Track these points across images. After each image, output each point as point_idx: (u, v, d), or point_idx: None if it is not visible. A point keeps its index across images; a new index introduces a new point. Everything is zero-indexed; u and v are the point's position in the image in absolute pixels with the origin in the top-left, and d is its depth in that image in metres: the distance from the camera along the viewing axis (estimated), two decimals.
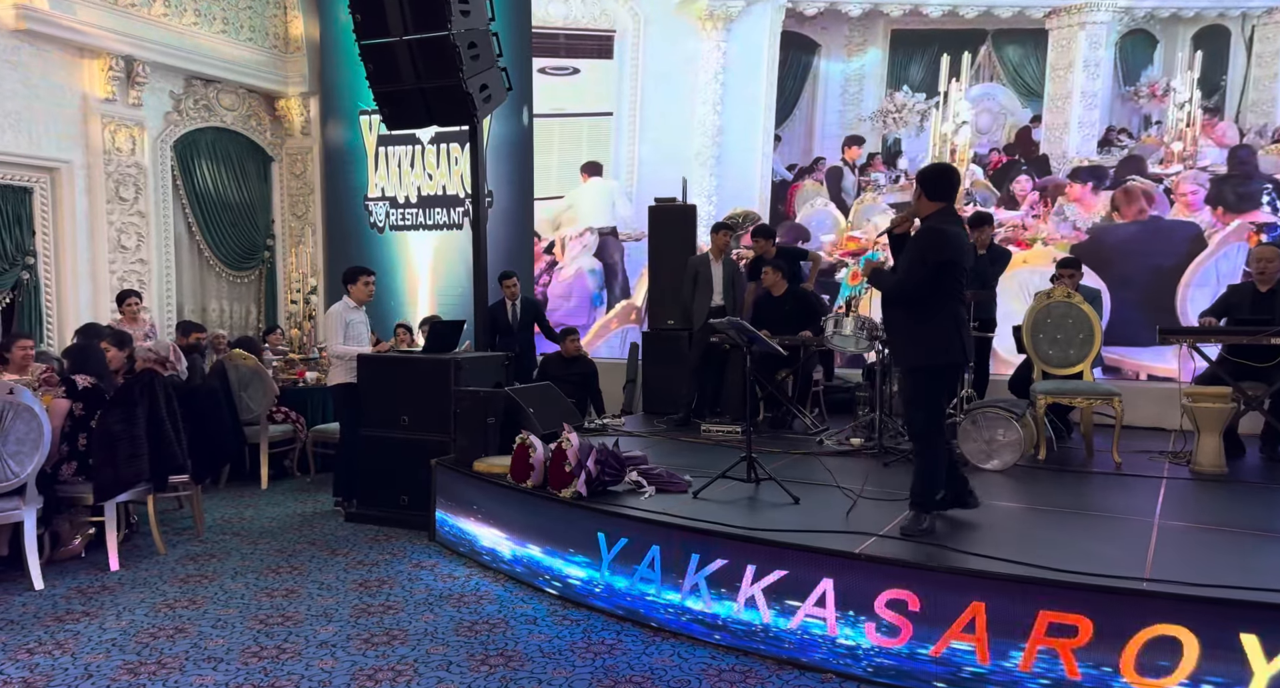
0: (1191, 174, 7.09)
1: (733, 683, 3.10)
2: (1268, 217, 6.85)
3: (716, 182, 8.56)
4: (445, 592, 4.10)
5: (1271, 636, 2.62)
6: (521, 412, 4.96)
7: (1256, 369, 4.74)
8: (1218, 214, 7.00)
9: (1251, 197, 6.92)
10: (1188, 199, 7.11)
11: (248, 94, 9.13)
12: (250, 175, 9.20)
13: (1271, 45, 6.80)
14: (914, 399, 3.56)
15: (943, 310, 3.43)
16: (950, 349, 3.45)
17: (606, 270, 9.04)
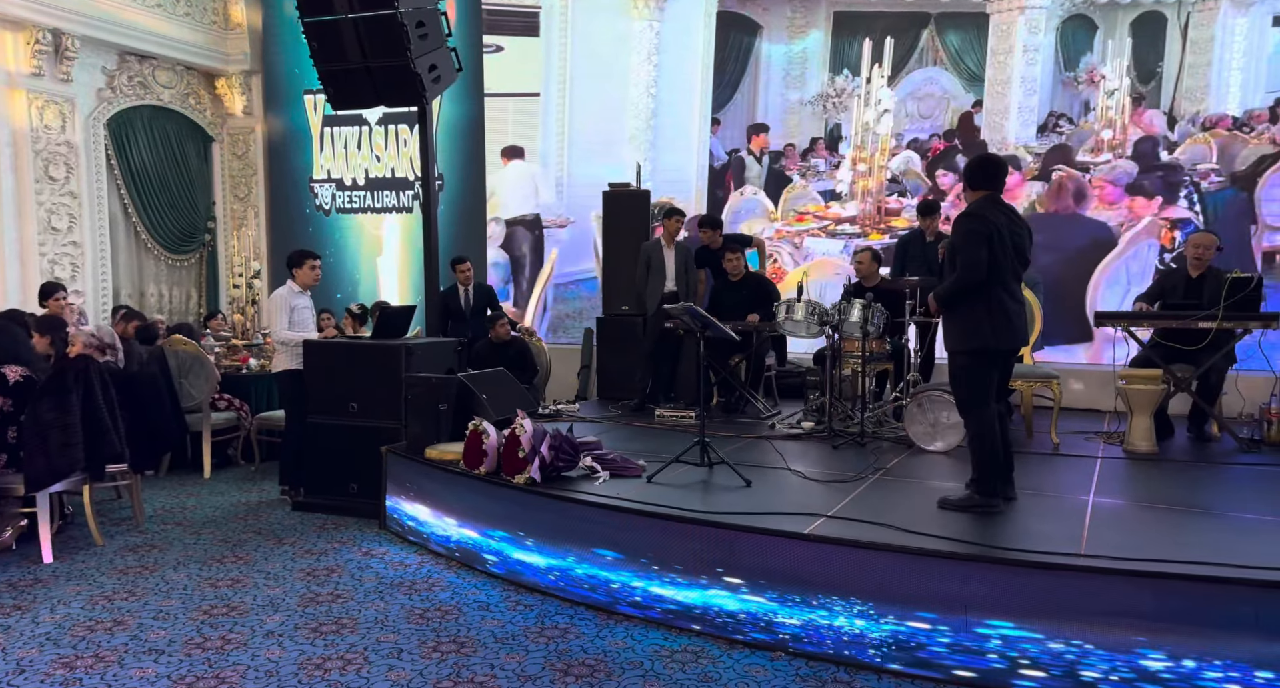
0: (1109, 166, 7.16)
1: (685, 664, 3.13)
2: (1183, 212, 6.95)
3: (651, 166, 8.38)
4: (396, 579, 4.05)
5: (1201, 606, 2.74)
6: (474, 398, 4.91)
7: (1186, 352, 4.92)
8: (1133, 206, 7.07)
9: (1168, 190, 7.01)
10: (1104, 191, 7.18)
11: (186, 72, 8.82)
12: (189, 155, 8.90)
13: (1205, 32, 6.87)
14: (954, 382, 3.65)
15: (978, 296, 3.48)
16: (980, 333, 3.49)
17: (513, 263, 8.81)
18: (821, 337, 5.48)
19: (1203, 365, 4.91)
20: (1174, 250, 6.97)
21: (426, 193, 5.96)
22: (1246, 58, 6.77)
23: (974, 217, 3.53)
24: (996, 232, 3.47)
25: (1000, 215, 3.54)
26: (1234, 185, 6.78)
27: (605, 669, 3.08)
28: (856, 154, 7.89)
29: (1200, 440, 5.15)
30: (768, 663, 3.14)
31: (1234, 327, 4.79)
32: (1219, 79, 6.83)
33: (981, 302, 3.49)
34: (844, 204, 7.96)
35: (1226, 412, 5.39)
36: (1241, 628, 2.68)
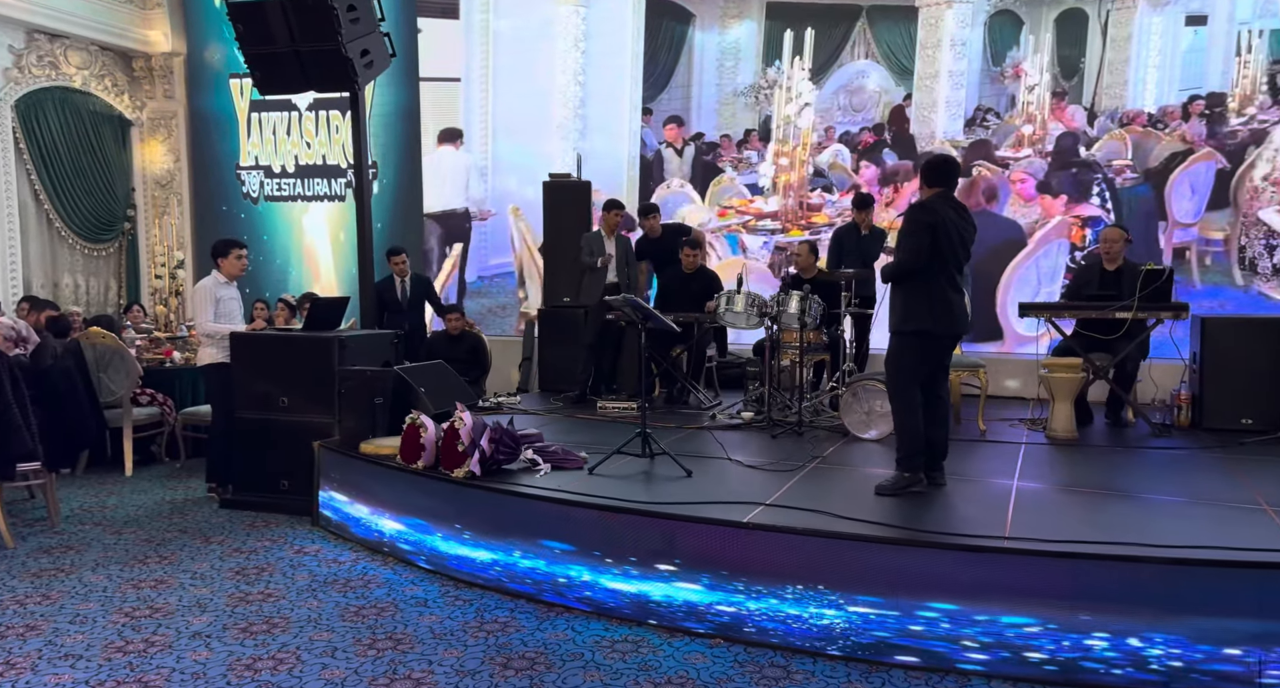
0: (1025, 163, 7.30)
1: (625, 654, 3.14)
2: (1094, 210, 7.15)
3: (580, 156, 8.24)
4: (330, 577, 3.96)
5: (1118, 584, 2.87)
6: (412, 391, 4.83)
7: (1104, 342, 5.14)
8: (1046, 204, 7.23)
9: (1080, 188, 7.18)
10: (1019, 187, 7.31)
11: (101, 52, 8.41)
12: (106, 140, 8.50)
13: (1124, 30, 7.07)
14: (888, 360, 3.80)
15: (919, 283, 3.64)
16: (920, 317, 3.65)
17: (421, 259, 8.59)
18: (761, 328, 5.55)
19: (1119, 354, 5.14)
20: (1085, 248, 7.17)
21: (360, 181, 5.82)
22: (1162, 56, 7.00)
23: (924, 208, 3.70)
24: (943, 223, 3.63)
25: (950, 210, 3.70)
26: (1147, 181, 7.04)
27: (545, 662, 3.07)
28: (778, 148, 7.87)
29: (1117, 426, 5.39)
30: (706, 650, 3.17)
31: (1147, 317, 5.02)
32: (1137, 76, 7.06)
33: (924, 288, 3.66)
34: (766, 199, 7.94)
35: (1140, 398, 5.64)
36: (1151, 604, 2.81)
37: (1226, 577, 2.81)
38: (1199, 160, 6.88)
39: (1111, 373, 5.19)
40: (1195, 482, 4.02)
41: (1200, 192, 6.91)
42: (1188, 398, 5.33)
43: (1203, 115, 6.87)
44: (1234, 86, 6.81)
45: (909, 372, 3.75)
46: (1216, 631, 2.77)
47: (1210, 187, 6.88)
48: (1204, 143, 6.87)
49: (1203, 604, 2.79)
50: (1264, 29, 6.71)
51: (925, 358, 3.74)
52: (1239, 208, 6.80)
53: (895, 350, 3.78)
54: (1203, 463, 4.40)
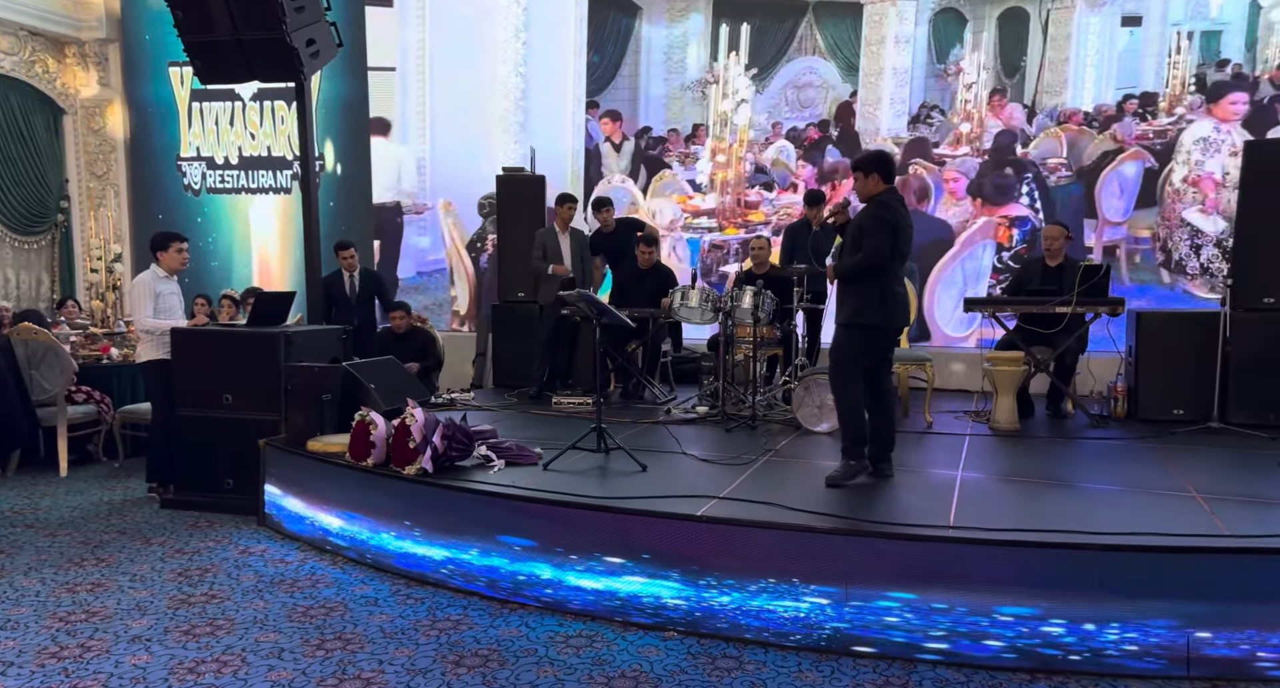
0: (958, 162, 7.41)
1: (579, 649, 3.14)
2: (1022, 210, 7.27)
3: (522, 149, 8.12)
4: (276, 577, 3.87)
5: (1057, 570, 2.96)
6: (361, 388, 4.75)
7: (1044, 335, 5.30)
8: (976, 205, 7.35)
9: (1008, 189, 7.31)
10: (951, 186, 7.40)
11: (30, 37, 8.07)
12: (36, 128, 8.16)
13: (1064, 29, 7.22)
14: (834, 352, 3.87)
15: (872, 279, 3.73)
16: (872, 312, 3.74)
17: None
18: (715, 323, 5.58)
19: (1059, 348, 5.29)
20: (1012, 249, 7.29)
21: (306, 173, 5.70)
22: (1100, 55, 7.18)
23: (885, 206, 3.77)
24: (902, 222, 3.75)
25: (902, 208, 3.82)
26: (1080, 180, 7.21)
27: (499, 659, 3.05)
28: (715, 145, 7.83)
29: (1057, 417, 5.55)
30: (660, 643, 3.18)
31: (1085, 311, 5.18)
32: (1076, 75, 7.23)
33: (876, 284, 3.75)
34: (704, 196, 7.89)
35: (1079, 390, 5.83)
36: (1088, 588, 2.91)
37: (1158, 561, 2.92)
38: (1127, 159, 7.08)
39: (1052, 366, 5.35)
40: (1130, 471, 4.17)
41: (1129, 191, 7.10)
42: (1123, 390, 5.52)
43: (1136, 114, 7.07)
44: (1165, 87, 7.04)
45: (853, 364, 3.83)
46: (1148, 612, 2.88)
47: (1138, 186, 7.08)
48: (1134, 142, 7.06)
49: (1135, 588, 2.90)
50: (1194, 31, 6.95)
51: (870, 351, 3.84)
52: (1164, 207, 7.03)
53: (842, 343, 3.84)
54: (1137, 453, 4.57)
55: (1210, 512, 3.37)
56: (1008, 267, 7.28)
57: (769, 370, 6.07)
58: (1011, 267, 7.25)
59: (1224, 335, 5.13)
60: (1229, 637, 2.85)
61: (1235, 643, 2.85)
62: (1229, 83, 6.89)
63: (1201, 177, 6.90)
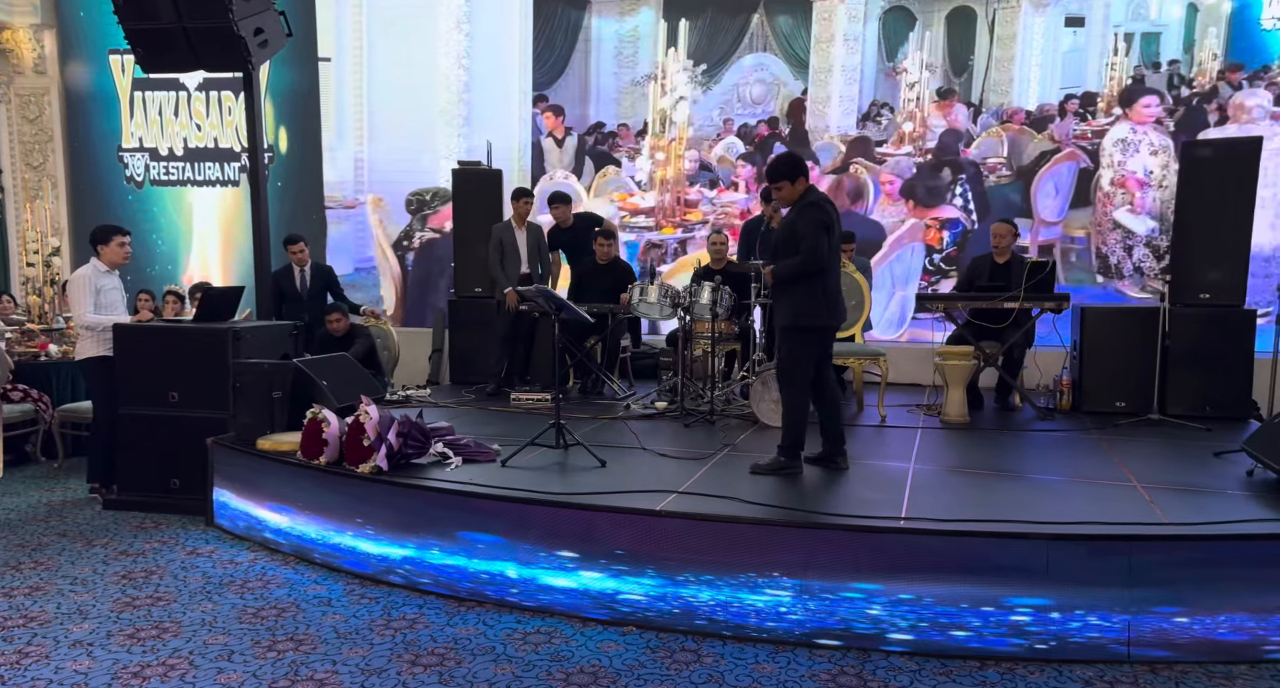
0: (893, 163, 7.42)
1: (537, 645, 3.12)
2: (954, 212, 7.32)
3: (466, 143, 7.98)
4: (226, 578, 3.79)
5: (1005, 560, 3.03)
6: (313, 385, 4.66)
7: (993, 330, 5.42)
8: (909, 206, 7.39)
9: (940, 191, 7.35)
10: (888, 188, 7.42)
11: None
12: None
13: (1010, 28, 7.31)
14: (784, 356, 3.89)
15: (814, 279, 3.77)
16: (817, 313, 3.79)
17: None
18: (674, 319, 5.60)
19: (1007, 342, 5.42)
20: (943, 251, 7.36)
21: (254, 166, 5.57)
22: (1044, 55, 7.30)
23: (818, 207, 3.81)
24: (833, 221, 3.80)
25: (829, 205, 3.86)
26: (1018, 179, 7.32)
27: (455, 657, 3.02)
28: (655, 142, 7.77)
29: (1005, 410, 5.69)
30: (619, 638, 3.19)
31: (1032, 307, 5.32)
32: (1022, 74, 7.33)
33: (818, 284, 3.80)
34: (644, 194, 7.82)
35: (1027, 384, 5.98)
36: (1035, 577, 2.99)
37: (1101, 550, 3.01)
38: (1063, 160, 7.21)
39: (1000, 360, 5.48)
40: (1075, 461, 4.29)
41: (1064, 191, 7.22)
42: (1068, 383, 5.67)
43: (1077, 114, 7.22)
44: (1104, 88, 7.20)
45: (805, 366, 3.88)
46: (1092, 599, 2.97)
47: (1073, 186, 7.21)
48: (1071, 142, 7.20)
49: (1080, 576, 2.99)
50: (1134, 32, 7.12)
51: (816, 350, 3.90)
52: (1095, 209, 7.19)
53: (794, 346, 3.86)
54: (1081, 444, 4.70)
55: (1150, 501, 3.48)
56: (939, 268, 7.36)
57: (727, 366, 6.11)
58: (944, 268, 7.35)
59: (1163, 330, 5.30)
60: (1167, 622, 2.96)
61: (1173, 627, 2.96)
62: (1142, 86, 7.08)
63: (1126, 177, 7.09)
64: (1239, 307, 5.34)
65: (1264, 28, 6.84)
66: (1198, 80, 7.00)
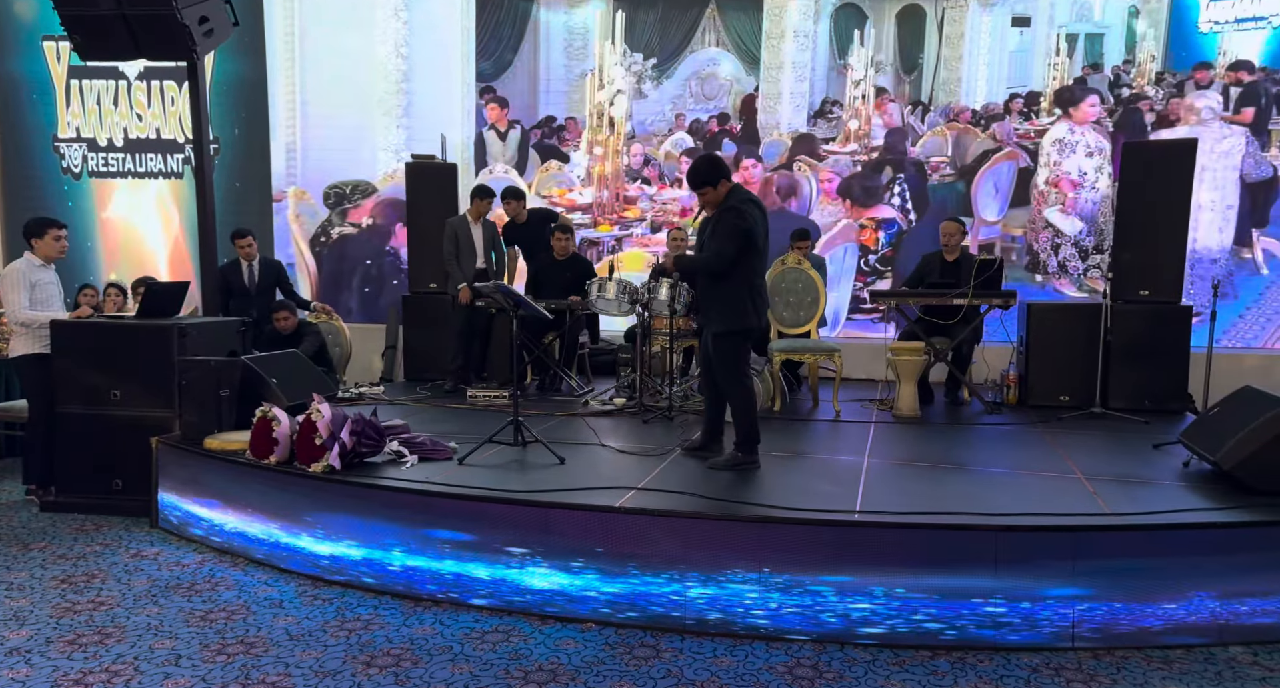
0: (831, 161, 7.40)
1: (495, 644, 3.10)
2: (891, 212, 7.34)
3: (406, 134, 7.76)
4: (172, 581, 3.68)
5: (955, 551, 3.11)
6: (262, 383, 4.56)
7: (943, 326, 5.54)
8: (845, 206, 7.40)
9: (876, 191, 7.37)
10: (826, 187, 7.40)
11: None
12: None
13: (958, 28, 7.37)
14: (721, 360, 3.93)
15: (739, 281, 3.80)
16: (745, 316, 3.84)
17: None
18: (632, 315, 5.60)
19: (956, 338, 5.54)
20: (878, 252, 7.39)
21: (200, 158, 5.42)
22: (991, 54, 7.38)
23: (736, 211, 3.77)
24: (755, 226, 3.78)
25: (752, 207, 3.82)
26: (961, 178, 7.39)
27: (412, 658, 2.99)
28: (593, 137, 7.64)
29: (954, 405, 5.82)
30: (578, 635, 3.18)
31: (981, 303, 5.44)
32: (970, 73, 7.41)
33: (744, 287, 3.83)
34: (580, 190, 7.69)
35: (975, 378, 6.11)
36: (985, 567, 3.07)
37: (1047, 540, 3.10)
38: (1002, 159, 7.31)
39: (950, 356, 5.60)
40: (1021, 454, 4.41)
41: (1003, 190, 7.31)
42: (1015, 378, 5.82)
43: (1021, 114, 7.33)
44: (1047, 87, 7.33)
45: (742, 366, 3.97)
46: (1038, 588, 3.05)
47: (1012, 185, 7.31)
48: (1012, 142, 7.29)
49: (1026, 566, 3.07)
50: (1078, 33, 7.26)
51: (748, 350, 4.02)
52: (1031, 209, 7.31)
53: (726, 350, 3.91)
54: (1028, 437, 4.83)
55: (1093, 492, 3.60)
56: (875, 270, 7.40)
57: (685, 362, 6.13)
58: (879, 269, 7.40)
59: (1105, 326, 5.47)
60: (1109, 608, 3.06)
61: (1115, 615, 3.06)
62: (1083, 87, 7.22)
63: (1061, 178, 7.25)
64: (1176, 303, 5.53)
65: (1202, 30, 7.08)
66: (1136, 81, 7.21)
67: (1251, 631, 3.08)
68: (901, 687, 2.81)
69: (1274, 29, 6.89)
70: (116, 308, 6.47)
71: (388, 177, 7.89)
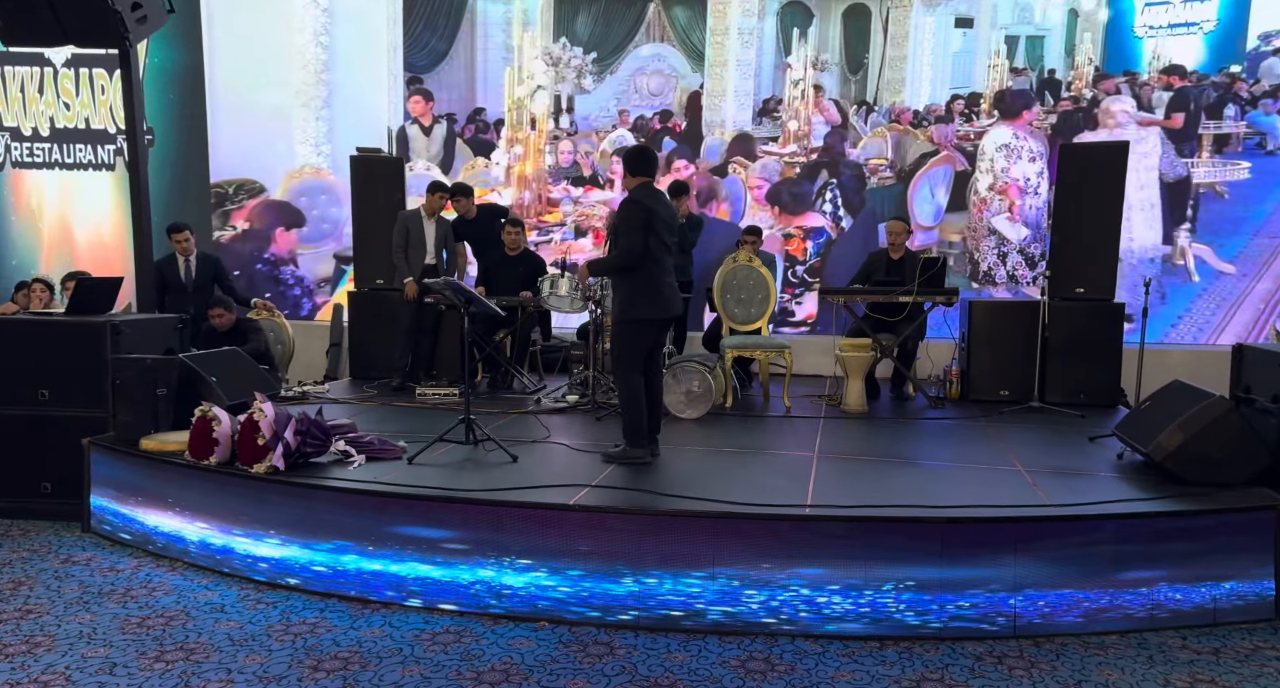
0: (760, 166, 7.29)
1: (446, 645, 3.06)
2: (820, 219, 7.26)
3: (327, 127, 7.50)
4: (106, 588, 3.55)
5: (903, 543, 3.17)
6: (201, 381, 4.42)
7: (889, 323, 5.64)
8: (774, 213, 7.33)
9: (805, 197, 7.30)
10: (755, 193, 7.31)
11: None
12: None
13: (902, 27, 7.33)
14: (613, 345, 4.07)
15: (638, 273, 3.87)
16: (638, 306, 3.89)
17: None
18: (585, 311, 5.57)
19: (902, 335, 5.66)
20: (806, 262, 7.30)
21: (134, 149, 5.23)
22: (935, 55, 7.37)
23: (637, 203, 3.85)
24: (654, 216, 3.84)
25: (656, 202, 3.91)
26: (900, 181, 7.35)
27: (360, 661, 2.93)
28: (513, 134, 7.44)
29: (900, 400, 5.94)
30: (531, 634, 3.16)
31: (925, 301, 5.56)
32: (914, 74, 7.39)
33: (641, 278, 3.89)
34: (501, 190, 7.50)
35: (919, 374, 6.24)
36: (930, 558, 3.14)
37: (990, 531, 3.19)
38: (939, 163, 7.30)
39: (896, 352, 5.71)
40: (964, 448, 4.52)
41: (939, 195, 7.29)
42: (957, 373, 5.96)
43: (962, 115, 7.36)
44: (988, 89, 7.36)
45: (632, 356, 3.97)
46: (983, 578, 3.13)
47: (949, 189, 7.29)
48: (949, 145, 7.28)
49: (971, 556, 3.15)
50: (1020, 35, 7.32)
51: (644, 341, 3.97)
52: (971, 215, 7.31)
53: (617, 337, 3.99)
54: (970, 431, 4.95)
55: (1033, 483, 3.71)
56: (803, 281, 7.34)
57: None
58: (807, 281, 7.38)
59: (1043, 323, 5.64)
60: (1048, 597, 3.15)
61: (1054, 603, 3.16)
62: (1022, 90, 7.29)
63: (1009, 184, 7.24)
64: (1109, 301, 5.73)
65: (1136, 35, 7.30)
66: (1074, 85, 7.35)
67: (1181, 616, 3.21)
68: (851, 677, 2.85)
69: (1205, 35, 7.15)
70: (43, 305, 6.21)
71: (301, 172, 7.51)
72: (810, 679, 2.84)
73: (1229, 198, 7.12)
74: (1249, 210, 7.08)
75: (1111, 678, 2.84)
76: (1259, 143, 7.08)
